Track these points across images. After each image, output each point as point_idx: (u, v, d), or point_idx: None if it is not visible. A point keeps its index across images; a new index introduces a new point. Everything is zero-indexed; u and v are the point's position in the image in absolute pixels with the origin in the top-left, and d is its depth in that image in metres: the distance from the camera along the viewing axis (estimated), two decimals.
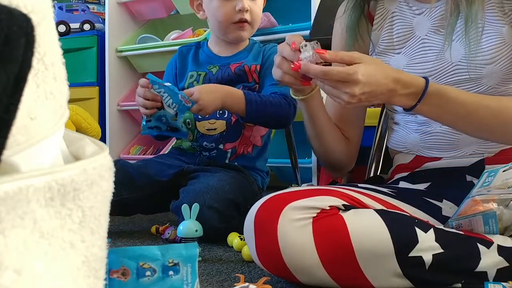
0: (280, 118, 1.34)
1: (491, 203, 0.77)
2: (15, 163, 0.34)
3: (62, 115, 0.39)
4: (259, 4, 1.41)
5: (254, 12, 1.39)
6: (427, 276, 0.73)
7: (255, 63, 1.40)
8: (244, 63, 1.40)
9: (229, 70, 1.40)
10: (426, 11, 0.94)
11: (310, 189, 0.81)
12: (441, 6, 0.93)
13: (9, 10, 0.31)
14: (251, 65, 1.40)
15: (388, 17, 0.99)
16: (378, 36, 0.99)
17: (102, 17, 2.91)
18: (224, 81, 1.39)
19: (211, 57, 1.46)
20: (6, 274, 0.31)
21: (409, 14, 0.96)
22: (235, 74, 1.39)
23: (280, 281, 0.80)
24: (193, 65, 1.46)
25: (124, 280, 0.56)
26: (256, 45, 1.46)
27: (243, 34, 1.41)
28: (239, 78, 1.39)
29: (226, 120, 1.38)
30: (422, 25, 0.94)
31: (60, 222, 0.35)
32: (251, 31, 1.42)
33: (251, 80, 1.40)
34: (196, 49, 1.50)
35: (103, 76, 2.73)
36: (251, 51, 1.44)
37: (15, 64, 0.31)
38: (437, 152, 0.94)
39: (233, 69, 1.40)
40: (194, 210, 1.03)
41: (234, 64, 1.41)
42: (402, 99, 0.81)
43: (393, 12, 0.98)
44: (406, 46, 0.95)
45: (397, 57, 0.96)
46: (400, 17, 0.97)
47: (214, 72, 1.42)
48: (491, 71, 0.87)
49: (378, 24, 1.00)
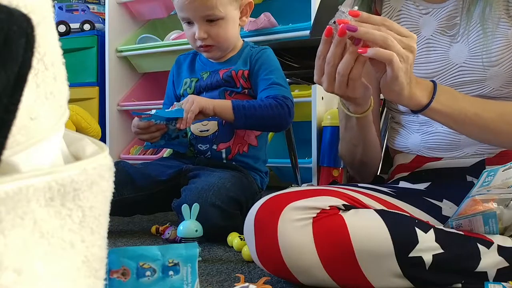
0: (272, 119, 1.33)
1: (491, 202, 0.77)
2: (15, 163, 0.34)
3: (62, 115, 0.39)
4: (222, 24, 1.35)
5: (215, 36, 1.36)
6: (427, 276, 0.73)
7: (243, 69, 1.40)
8: (232, 68, 1.41)
9: (217, 76, 1.41)
10: (432, 11, 0.94)
11: (310, 189, 0.81)
12: (449, 6, 0.93)
13: (9, 10, 0.31)
14: (238, 71, 1.40)
15: (394, 15, 0.98)
16: None
17: (102, 17, 2.91)
18: (213, 87, 1.41)
19: (205, 64, 1.47)
20: (6, 274, 0.31)
21: (416, 13, 0.96)
22: (223, 80, 1.40)
23: (280, 281, 0.80)
24: (188, 72, 1.49)
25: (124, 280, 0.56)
26: (247, 49, 1.46)
27: (211, 55, 1.43)
28: (227, 84, 1.40)
29: (218, 121, 1.39)
30: (428, 25, 0.94)
31: (60, 222, 0.35)
32: (221, 50, 1.41)
33: (238, 85, 1.40)
34: (194, 56, 1.51)
35: (103, 76, 2.74)
36: (242, 56, 1.44)
37: (15, 64, 0.31)
38: (438, 152, 0.94)
39: (222, 74, 1.41)
40: (194, 210, 1.03)
41: (223, 70, 1.42)
42: (417, 93, 0.79)
43: (399, 10, 0.98)
44: None
45: None
46: (406, 16, 0.97)
47: (205, 78, 1.44)
48: (495, 73, 0.87)
49: None
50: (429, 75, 0.92)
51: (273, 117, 1.32)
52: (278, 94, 1.34)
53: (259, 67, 1.39)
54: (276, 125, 1.38)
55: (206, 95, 1.41)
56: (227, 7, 1.34)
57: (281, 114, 1.32)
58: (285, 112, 1.33)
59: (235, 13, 1.38)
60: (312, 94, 2.05)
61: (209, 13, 1.33)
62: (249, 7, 1.42)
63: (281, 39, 2.14)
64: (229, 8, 1.35)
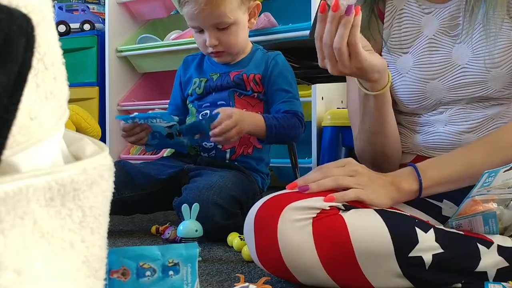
0: (293, 138, 1.43)
1: (491, 203, 0.77)
2: (15, 163, 0.34)
3: (62, 115, 0.39)
4: (233, 30, 1.35)
5: (225, 42, 1.36)
6: (427, 276, 0.73)
7: (254, 72, 1.40)
8: (243, 71, 1.41)
9: (228, 78, 1.41)
10: (435, 10, 0.94)
11: None
12: (451, 6, 0.92)
13: (9, 10, 0.31)
14: (249, 74, 1.40)
15: (397, 14, 0.98)
16: (388, 34, 0.98)
17: (102, 17, 2.91)
18: (223, 88, 1.41)
19: (215, 65, 1.47)
20: (6, 274, 0.31)
21: (418, 12, 0.95)
22: (234, 82, 1.40)
23: (280, 281, 0.80)
24: (197, 72, 1.49)
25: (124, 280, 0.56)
26: (258, 52, 1.46)
27: (222, 60, 1.43)
28: (238, 87, 1.40)
29: None
30: (430, 25, 0.94)
31: (60, 222, 0.35)
32: (232, 55, 1.41)
33: (248, 88, 1.40)
34: (202, 57, 1.51)
35: (103, 76, 2.74)
36: (252, 59, 1.44)
37: (15, 64, 0.31)
38: (439, 152, 0.94)
39: (232, 77, 1.41)
40: (194, 210, 1.03)
41: (234, 72, 1.42)
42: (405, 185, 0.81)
43: (401, 9, 0.97)
44: (414, 45, 0.95)
45: (404, 57, 0.95)
46: (408, 15, 0.96)
47: (215, 79, 1.43)
48: (498, 74, 0.87)
49: (388, 22, 0.99)
50: (432, 76, 0.91)
51: (295, 135, 1.39)
52: (298, 111, 1.40)
53: (277, 75, 1.40)
54: (293, 140, 1.47)
55: (215, 96, 1.42)
56: (236, 12, 1.34)
57: (300, 131, 1.40)
58: (303, 128, 1.40)
59: (244, 17, 1.38)
60: (312, 94, 2.05)
61: (219, 21, 1.32)
62: (257, 9, 1.42)
63: (281, 39, 2.14)
64: (238, 13, 1.35)
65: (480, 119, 0.90)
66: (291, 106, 1.38)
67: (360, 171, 0.81)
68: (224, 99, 1.41)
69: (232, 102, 1.40)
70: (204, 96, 1.44)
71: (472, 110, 0.91)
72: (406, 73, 0.94)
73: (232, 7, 1.32)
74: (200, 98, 1.45)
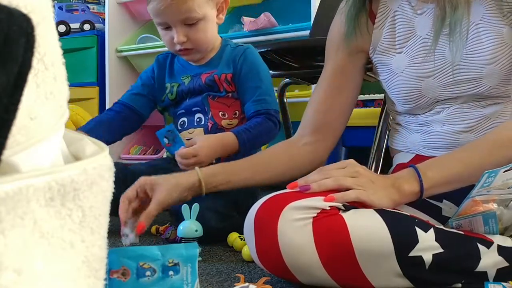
0: (267, 142, 1.39)
1: (491, 203, 0.77)
2: (15, 163, 0.34)
3: (62, 115, 0.39)
4: (201, 26, 1.32)
5: (194, 39, 1.33)
6: (427, 276, 0.73)
7: (226, 72, 1.38)
8: (214, 72, 1.38)
9: (199, 81, 1.38)
10: (428, 11, 0.94)
11: None
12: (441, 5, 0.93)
13: (9, 10, 0.31)
14: (221, 75, 1.37)
15: (390, 15, 0.99)
16: (380, 35, 0.99)
17: (102, 17, 2.91)
18: (195, 92, 1.38)
19: (185, 67, 1.44)
20: (6, 274, 0.31)
21: (411, 13, 0.96)
22: (206, 85, 1.37)
23: (280, 281, 0.80)
24: (169, 76, 1.46)
25: (124, 280, 0.56)
26: (227, 48, 1.42)
27: (191, 58, 1.40)
28: (210, 89, 1.38)
29: (204, 127, 1.37)
30: (423, 25, 0.94)
31: (60, 222, 0.35)
32: (201, 52, 1.38)
33: (222, 89, 1.37)
34: (172, 57, 1.47)
35: (103, 76, 2.74)
36: (222, 57, 1.41)
37: (15, 64, 0.31)
38: (437, 152, 0.94)
39: (204, 79, 1.38)
40: (194, 210, 1.03)
41: (205, 74, 1.39)
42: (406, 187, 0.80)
43: (395, 11, 0.98)
44: (407, 45, 0.95)
45: (398, 57, 0.96)
46: (402, 16, 0.97)
47: (186, 83, 1.41)
48: (491, 71, 0.87)
49: (380, 23, 0.99)
50: (426, 74, 0.92)
51: (268, 138, 1.37)
52: (270, 109, 1.35)
53: (247, 72, 1.37)
54: (268, 142, 1.42)
55: (189, 102, 1.39)
56: (205, 7, 1.32)
57: (274, 132, 1.36)
58: (277, 128, 1.37)
59: (213, 12, 1.35)
60: None
61: (187, 16, 1.30)
62: (225, 4, 1.39)
63: (281, 39, 2.14)
64: (207, 8, 1.32)
65: (477, 119, 0.90)
66: (262, 105, 1.34)
67: (361, 172, 0.81)
68: (198, 105, 1.38)
69: (207, 108, 1.37)
70: (178, 102, 1.42)
71: (469, 110, 0.91)
72: (401, 72, 0.95)
73: (200, 1, 1.30)
74: (174, 104, 1.42)
